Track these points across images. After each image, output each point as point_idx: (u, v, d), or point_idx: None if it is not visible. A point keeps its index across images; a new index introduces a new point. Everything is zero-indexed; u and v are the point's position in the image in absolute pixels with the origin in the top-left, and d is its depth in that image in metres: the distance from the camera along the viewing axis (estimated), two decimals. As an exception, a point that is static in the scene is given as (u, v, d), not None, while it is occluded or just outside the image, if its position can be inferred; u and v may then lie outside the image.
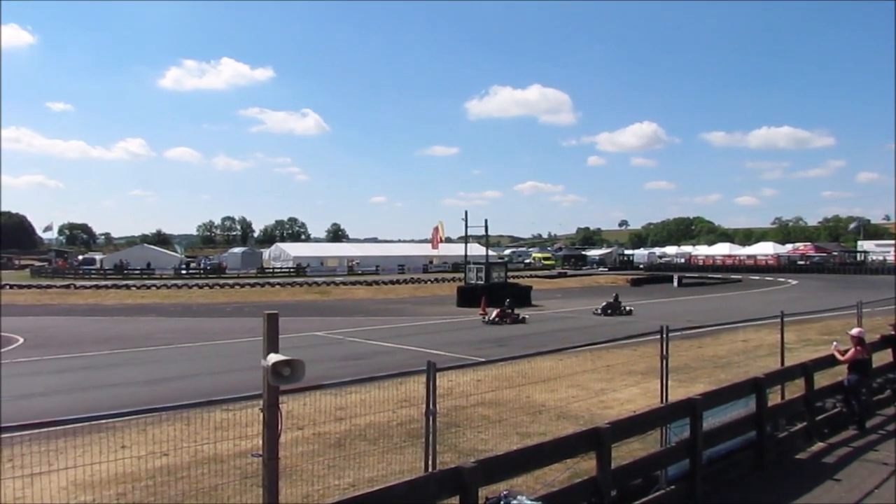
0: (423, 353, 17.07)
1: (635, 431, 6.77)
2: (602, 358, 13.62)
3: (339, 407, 9.18)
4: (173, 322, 27.58)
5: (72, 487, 6.54)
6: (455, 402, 9.78)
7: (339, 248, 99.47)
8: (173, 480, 6.61)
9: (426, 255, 76.44)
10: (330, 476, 7.23)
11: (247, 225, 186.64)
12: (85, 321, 28.26)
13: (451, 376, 10.33)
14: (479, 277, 35.27)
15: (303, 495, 6.48)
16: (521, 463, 5.66)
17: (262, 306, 33.30)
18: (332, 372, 13.75)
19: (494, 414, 9.83)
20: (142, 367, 16.58)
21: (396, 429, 9.00)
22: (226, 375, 14.93)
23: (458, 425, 9.08)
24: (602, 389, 11.51)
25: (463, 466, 5.03)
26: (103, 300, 38.99)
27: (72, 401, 12.59)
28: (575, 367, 12.39)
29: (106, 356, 18.40)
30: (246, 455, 7.34)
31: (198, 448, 7.51)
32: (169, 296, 41.65)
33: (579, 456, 6.25)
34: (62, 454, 6.67)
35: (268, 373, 3.87)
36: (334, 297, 40.99)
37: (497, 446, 8.13)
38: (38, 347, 19.88)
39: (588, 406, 10.38)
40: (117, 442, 7.43)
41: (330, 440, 8.59)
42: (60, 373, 15.93)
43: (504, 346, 18.94)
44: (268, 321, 4.05)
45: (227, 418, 8.35)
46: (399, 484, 4.79)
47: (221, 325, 25.85)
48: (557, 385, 10.78)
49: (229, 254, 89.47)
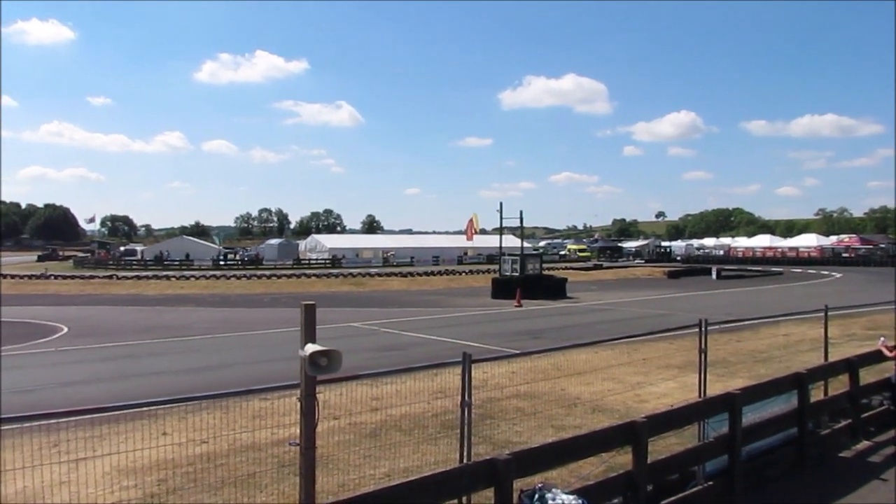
0: (457, 345, 17.09)
1: (672, 426, 6.68)
2: (638, 351, 13.49)
3: (375, 397, 9.23)
4: (212, 312, 28.03)
5: (115, 473, 6.70)
6: (489, 393, 9.78)
7: (373, 240, 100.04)
8: (212, 467, 6.73)
9: (461, 246, 76.40)
10: (365, 465, 7.29)
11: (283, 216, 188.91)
12: (126, 311, 28.89)
13: (485, 368, 10.34)
14: (514, 269, 35.14)
15: (338, 484, 6.54)
16: (556, 456, 5.63)
17: (298, 297, 33.59)
18: (367, 362, 13.84)
19: (529, 406, 9.81)
20: (181, 357, 16.89)
21: (431, 420, 9.03)
22: (263, 365, 15.13)
23: (492, 417, 9.07)
24: (638, 383, 11.39)
25: (497, 458, 5.02)
26: (144, 291, 39.77)
27: (114, 388, 12.88)
28: (610, 359, 12.28)
29: (147, 345, 18.79)
30: (283, 443, 7.45)
31: (236, 436, 7.64)
32: (208, 286, 42.31)
33: (615, 450, 6.20)
34: (105, 440, 6.84)
35: (305, 363, 3.91)
36: (369, 289, 41.24)
37: (531, 439, 8.11)
38: (81, 336, 20.37)
39: (623, 399, 10.29)
40: (158, 429, 7.57)
41: (365, 430, 8.65)
42: (103, 361, 16.31)
43: (539, 338, 18.86)
44: (305, 312, 4.08)
45: (264, 407, 8.47)
46: (434, 475, 4.80)
47: (258, 316, 26.21)
48: (592, 378, 10.71)
49: (266, 245, 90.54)
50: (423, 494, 4.60)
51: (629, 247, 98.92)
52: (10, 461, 5.53)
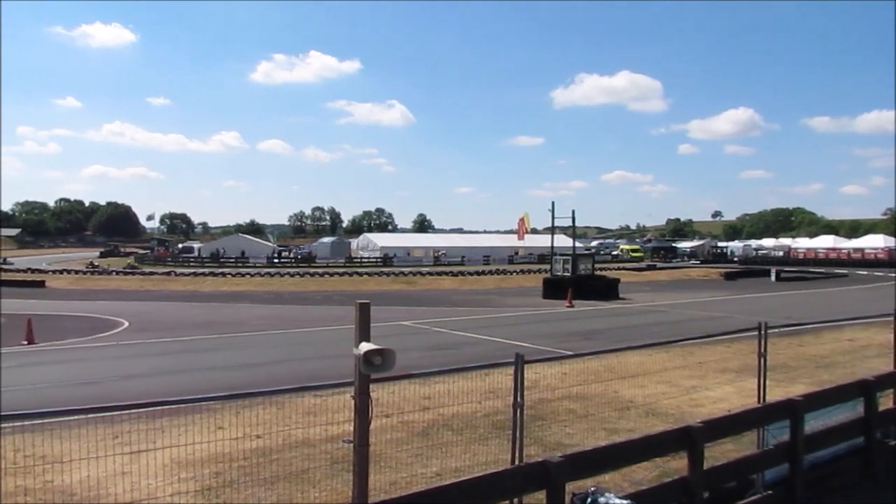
0: (508, 345, 17.01)
1: (730, 431, 6.51)
2: (693, 354, 13.20)
3: (425, 396, 9.26)
4: (266, 309, 28.54)
5: (173, 465, 6.85)
6: (541, 394, 9.70)
7: (424, 239, 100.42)
8: (266, 462, 6.84)
9: (511, 245, 76.10)
10: (416, 464, 7.30)
11: (335, 215, 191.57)
12: (184, 307, 29.64)
13: (536, 368, 10.26)
14: (566, 269, 34.82)
15: (389, 482, 6.57)
16: (609, 459, 5.54)
17: (350, 295, 34.02)
18: (418, 361, 13.88)
19: (581, 408, 9.70)
20: (236, 352, 17.24)
21: (482, 420, 9.00)
22: (315, 362, 15.33)
23: (543, 418, 9.00)
24: (693, 387, 11.15)
25: (550, 460, 4.96)
26: (201, 287, 40.76)
27: (172, 382, 13.21)
28: (664, 362, 12.04)
29: (204, 340, 19.24)
30: (335, 440, 7.52)
31: (290, 432, 7.74)
32: (262, 284, 43.10)
33: (670, 455, 6.07)
34: (164, 433, 7.02)
35: (360, 361, 3.93)
36: (420, 287, 41.42)
37: (583, 441, 8.01)
38: (141, 331, 20.98)
39: (678, 403, 10.08)
40: (215, 423, 7.72)
41: (416, 429, 8.68)
42: (162, 355, 16.76)
43: (591, 339, 18.65)
44: (360, 311, 4.10)
45: (316, 404, 8.57)
46: (485, 475, 4.78)
47: (311, 313, 26.57)
48: (646, 381, 10.53)
49: (319, 243, 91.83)
50: (475, 495, 4.58)
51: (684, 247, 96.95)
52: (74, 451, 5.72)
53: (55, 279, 44.49)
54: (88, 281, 44.49)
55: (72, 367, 15.38)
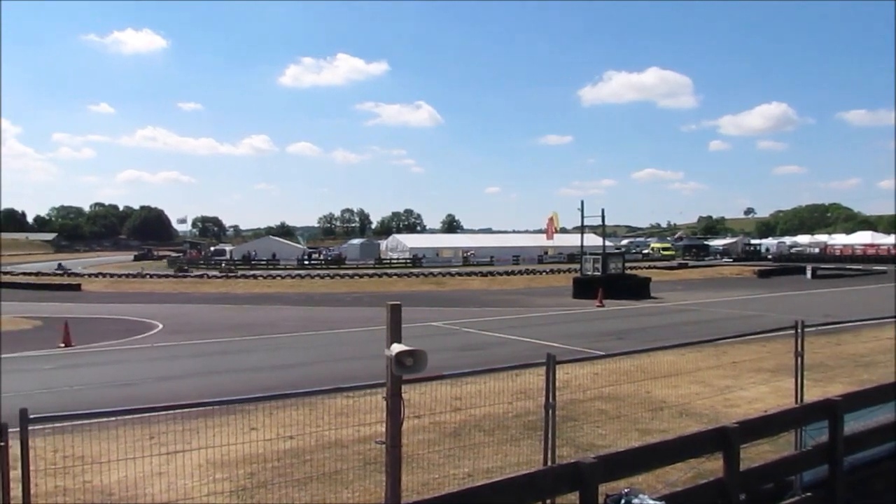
0: (538, 345, 16.94)
1: (766, 432, 6.39)
2: (727, 354, 13.01)
3: (456, 397, 9.24)
4: (297, 311, 28.78)
5: (207, 466, 6.93)
6: (572, 395, 9.63)
7: (453, 239, 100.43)
8: (299, 463, 6.89)
9: (541, 245, 75.78)
10: (447, 465, 7.30)
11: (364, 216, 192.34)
12: (217, 309, 30.02)
13: (567, 369, 10.16)
14: (596, 268, 34.57)
15: (421, 483, 6.57)
16: (642, 460, 5.48)
17: (380, 296, 34.15)
18: (448, 362, 13.88)
19: (613, 409, 9.62)
20: (268, 354, 17.41)
21: (513, 420, 8.97)
22: (346, 363, 15.41)
23: (575, 419, 8.95)
24: (727, 387, 10.99)
25: (582, 461, 4.92)
26: (233, 289, 41.21)
27: (206, 383, 13.38)
28: (698, 362, 11.88)
29: (236, 342, 19.46)
30: (366, 441, 7.55)
31: (321, 433, 7.78)
32: (293, 285, 43.46)
33: (704, 456, 5.98)
34: (199, 434, 7.09)
35: (391, 362, 3.93)
36: (449, 288, 41.43)
37: (616, 442, 7.95)
38: (175, 333, 21.29)
39: (712, 404, 9.94)
40: (248, 424, 7.80)
41: (447, 429, 8.67)
42: (195, 357, 16.99)
43: (623, 339, 18.49)
44: (391, 312, 4.10)
45: (348, 405, 8.60)
46: (518, 476, 4.75)
47: (342, 315, 26.72)
48: (679, 381, 10.39)
49: (348, 245, 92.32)
50: (507, 496, 4.56)
51: (716, 245, 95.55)
52: (111, 452, 5.81)
53: (91, 282, 45.33)
54: (123, 284, 45.25)
55: (108, 368, 15.65)
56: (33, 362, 16.09)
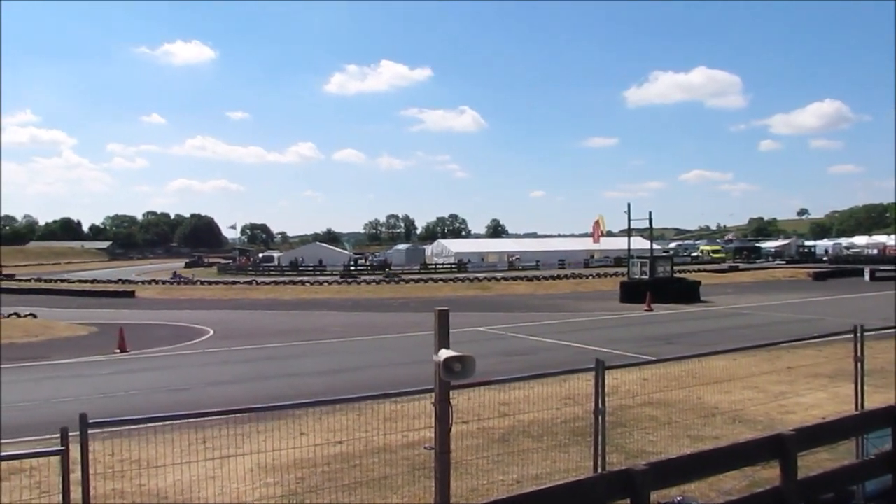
0: (585, 350, 16.77)
1: (825, 440, 6.19)
2: (781, 359, 12.68)
3: (503, 402, 9.21)
4: (344, 316, 29.05)
5: (258, 470, 7.03)
6: (621, 401, 9.50)
7: (498, 244, 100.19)
8: (347, 468, 6.93)
9: (587, 249, 75.00)
10: (495, 471, 7.26)
11: (410, 222, 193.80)
12: (266, 315, 30.49)
13: (616, 374, 10.01)
14: (644, 272, 34.09)
15: (469, 489, 6.55)
16: (695, 468, 5.35)
17: (426, 301, 34.26)
18: (495, 367, 13.82)
19: (663, 415, 9.44)
20: (316, 359, 17.60)
21: (560, 426, 8.88)
22: (393, 368, 15.47)
23: (624, 425, 8.81)
24: (782, 392, 10.70)
25: (633, 468, 4.83)
26: (281, 295, 41.81)
27: (256, 389, 13.59)
28: (751, 367, 11.62)
29: (285, 348, 19.73)
30: (414, 446, 7.57)
31: (369, 438, 7.82)
32: (339, 291, 43.90)
33: (760, 464, 5.83)
34: (249, 438, 7.20)
35: (440, 368, 3.93)
36: (495, 293, 41.32)
37: (666, 449, 7.80)
38: (225, 339, 21.69)
39: (766, 410, 9.69)
40: (297, 429, 7.89)
41: (494, 435, 8.64)
42: (245, 362, 17.27)
43: (672, 343, 18.18)
44: (439, 317, 4.11)
45: (395, 410, 8.64)
46: (567, 483, 4.69)
47: (388, 320, 26.87)
48: (731, 387, 10.18)
49: (394, 250, 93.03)
50: (556, 502, 4.51)
51: (768, 247, 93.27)
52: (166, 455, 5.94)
53: (144, 289, 46.52)
54: (175, 291, 46.32)
55: (161, 374, 16.03)
56: (90, 367, 16.58)
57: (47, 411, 11.52)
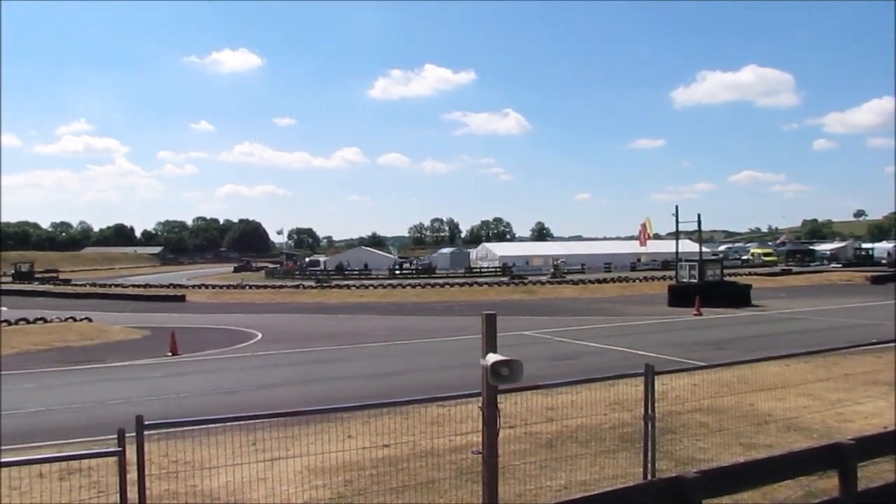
0: (633, 355, 16.55)
1: (886, 450, 5.99)
2: (838, 365, 12.31)
3: (549, 407, 9.14)
4: (390, 320, 29.21)
5: (306, 472, 7.11)
6: (670, 407, 9.33)
7: (543, 247, 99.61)
8: (394, 471, 6.95)
9: (633, 252, 73.99)
10: (542, 476, 7.21)
11: (454, 226, 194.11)
12: (312, 318, 30.84)
13: (664, 380, 9.84)
14: (692, 275, 33.46)
15: (516, 494, 6.51)
16: (748, 477, 5.23)
17: (471, 305, 34.24)
18: (541, 371, 13.75)
19: (713, 421, 9.25)
20: (363, 362, 17.73)
21: (608, 432, 8.78)
22: (439, 372, 15.50)
23: (673, 432, 8.66)
24: (839, 400, 10.38)
25: (684, 476, 4.74)
26: (327, 299, 42.25)
27: (304, 392, 13.76)
28: (806, 374, 11.31)
29: (332, 351, 19.93)
30: (460, 450, 7.56)
31: (416, 441, 7.84)
32: (385, 295, 44.16)
33: (816, 474, 5.66)
34: (297, 441, 7.29)
35: (487, 372, 3.92)
36: (540, 296, 41.07)
37: (718, 457, 7.65)
38: (274, 342, 22.01)
39: (823, 418, 9.42)
40: (344, 431, 7.96)
41: (541, 440, 8.58)
42: (293, 365, 17.50)
43: (723, 348, 17.81)
44: (486, 322, 4.10)
45: (441, 414, 8.65)
46: (616, 490, 4.63)
47: (433, 324, 26.91)
48: (785, 393, 9.91)
49: (438, 254, 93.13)
50: (605, 510, 4.45)
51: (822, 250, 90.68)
52: (217, 457, 6.05)
53: (194, 293, 47.52)
54: (224, 295, 47.20)
55: (212, 376, 16.34)
56: (143, 370, 17.00)
57: (102, 413, 11.87)
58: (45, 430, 10.43)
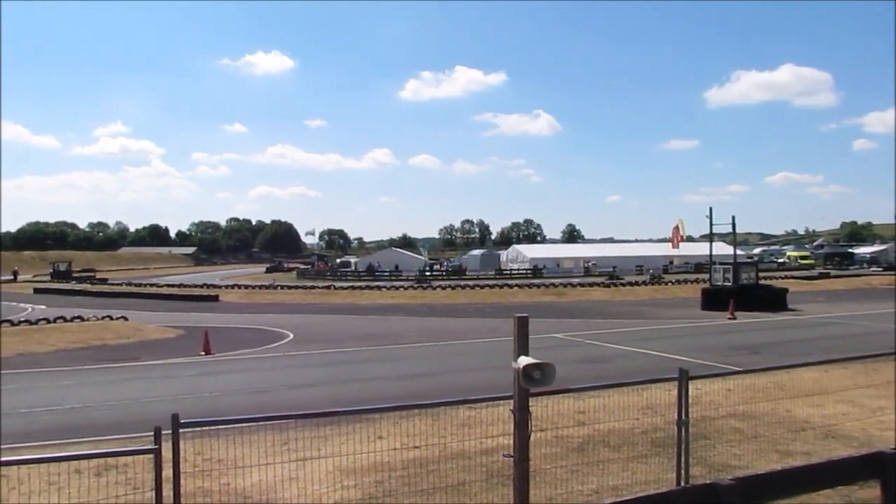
0: (665, 358, 16.36)
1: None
2: (879, 372, 12.00)
3: (580, 411, 9.06)
4: (420, 321, 29.26)
5: (337, 472, 7.14)
6: (703, 412, 9.18)
7: (574, 249, 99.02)
8: (424, 473, 6.95)
9: (665, 254, 73.27)
10: (573, 480, 7.15)
11: (484, 227, 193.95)
12: (343, 319, 31.02)
13: (697, 384, 9.67)
14: (726, 278, 32.97)
15: (547, 497, 6.47)
16: (784, 484, 5.14)
17: (501, 307, 34.15)
18: (572, 374, 13.62)
19: (748, 428, 9.10)
20: (393, 364, 17.78)
21: (640, 437, 8.68)
22: (468, 374, 15.49)
23: (706, 437, 8.53)
24: (880, 408, 10.12)
25: (719, 482, 4.68)
26: (358, 300, 42.46)
27: (335, 392, 13.84)
28: (844, 380, 11.06)
29: (362, 352, 20.02)
30: (490, 453, 7.53)
31: (446, 443, 7.83)
32: (415, 296, 44.24)
33: (857, 483, 5.54)
34: (328, 441, 7.33)
35: (519, 375, 3.89)
36: (571, 299, 40.82)
37: (753, 464, 7.52)
38: (305, 342, 22.18)
39: (863, 426, 9.20)
40: (374, 432, 7.98)
41: (572, 444, 8.50)
42: (324, 366, 17.61)
43: (758, 353, 17.51)
44: (518, 324, 4.07)
45: (471, 416, 8.64)
46: (650, 495, 4.59)
47: (463, 325, 26.90)
48: (823, 400, 9.72)
49: (469, 256, 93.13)
50: (638, 517, 4.41)
51: (862, 253, 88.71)
52: (248, 456, 6.11)
53: (227, 293, 48.11)
54: (256, 295, 47.70)
55: (244, 376, 16.52)
56: (177, 369, 17.25)
57: (137, 410, 12.06)
58: (82, 426, 10.63)
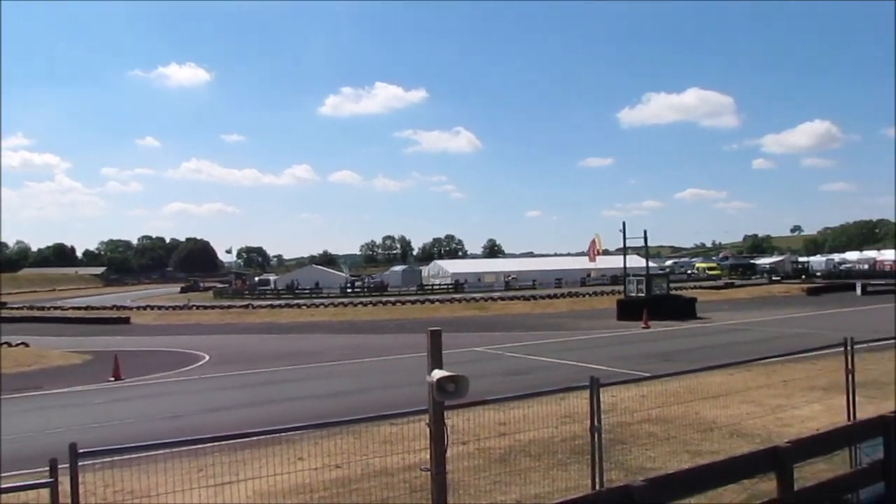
0: (584, 368, 16.76)
1: (820, 451, 6.21)
2: (777, 372, 12.71)
3: (501, 422, 9.19)
4: (342, 339, 28.99)
5: (256, 497, 6.99)
6: (619, 418, 9.51)
7: (495, 264, 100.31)
8: (347, 492, 6.91)
9: (583, 268, 75.13)
10: (495, 491, 7.25)
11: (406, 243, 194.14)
12: (262, 339, 30.40)
13: (614, 391, 10.06)
14: (640, 290, 34.16)
15: (468, 509, 6.54)
16: (693, 482, 5.36)
17: (423, 323, 34.19)
18: (493, 387, 13.79)
19: (661, 431, 9.45)
20: (314, 383, 17.54)
21: (560, 445, 8.88)
22: (392, 390, 15.42)
23: (623, 442, 8.81)
24: (779, 406, 10.72)
25: (632, 484, 4.84)
26: (278, 319, 41.70)
27: (253, 414, 13.53)
28: (748, 382, 11.63)
29: (282, 372, 19.67)
30: (413, 469, 7.53)
31: (368, 461, 7.80)
32: (336, 314, 43.79)
33: (757, 477, 5.85)
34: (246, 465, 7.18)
35: (433, 388, 3.95)
36: (492, 313, 41.27)
37: (666, 465, 7.81)
38: (222, 364, 21.61)
39: (764, 424, 9.70)
40: (295, 454, 7.86)
41: (494, 455, 8.62)
42: (242, 388, 17.18)
43: (670, 360, 18.18)
44: (432, 338, 4.14)
45: (393, 432, 8.63)
46: (566, 501, 4.70)
47: (386, 342, 26.82)
48: (729, 401, 10.18)
49: (390, 272, 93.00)
50: (555, 521, 4.51)
51: (763, 264, 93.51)
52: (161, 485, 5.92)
53: (139, 315, 46.35)
54: (171, 316, 46.17)
55: (156, 401, 15.94)
56: (83, 396, 16.49)
57: (38, 443, 11.41)
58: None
